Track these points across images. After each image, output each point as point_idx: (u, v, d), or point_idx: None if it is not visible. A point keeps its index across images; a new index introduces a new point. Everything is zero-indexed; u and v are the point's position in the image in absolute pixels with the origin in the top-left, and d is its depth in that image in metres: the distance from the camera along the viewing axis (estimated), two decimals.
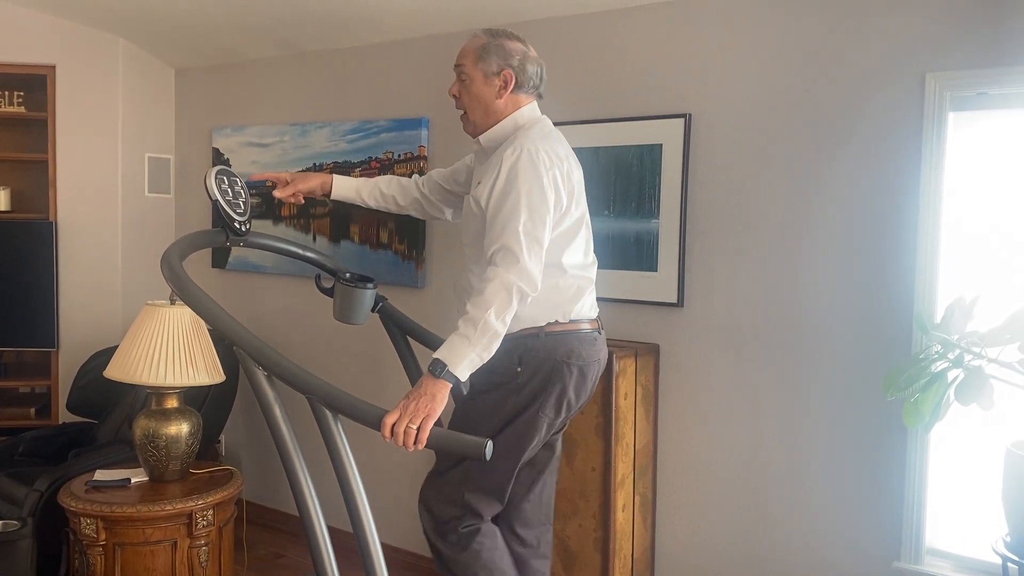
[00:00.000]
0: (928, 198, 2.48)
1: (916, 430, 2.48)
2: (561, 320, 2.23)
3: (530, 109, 2.32)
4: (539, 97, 2.36)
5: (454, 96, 2.34)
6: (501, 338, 2.06)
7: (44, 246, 4.06)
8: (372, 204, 2.64)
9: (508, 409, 2.22)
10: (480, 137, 2.32)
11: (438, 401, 1.97)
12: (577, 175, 2.30)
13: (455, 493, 2.29)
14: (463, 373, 2.02)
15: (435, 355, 2.03)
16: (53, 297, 4.08)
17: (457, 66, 2.31)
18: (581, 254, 2.29)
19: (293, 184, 2.56)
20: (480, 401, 2.24)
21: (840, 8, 2.61)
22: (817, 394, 2.71)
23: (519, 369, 2.20)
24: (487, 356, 2.05)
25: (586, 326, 2.28)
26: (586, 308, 2.29)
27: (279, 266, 4.02)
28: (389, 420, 1.92)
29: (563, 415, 2.27)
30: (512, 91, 2.28)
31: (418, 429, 1.93)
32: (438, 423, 1.99)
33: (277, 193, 2.55)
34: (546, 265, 2.16)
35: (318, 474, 2.07)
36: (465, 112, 2.33)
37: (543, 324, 2.21)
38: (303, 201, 2.63)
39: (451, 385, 2.00)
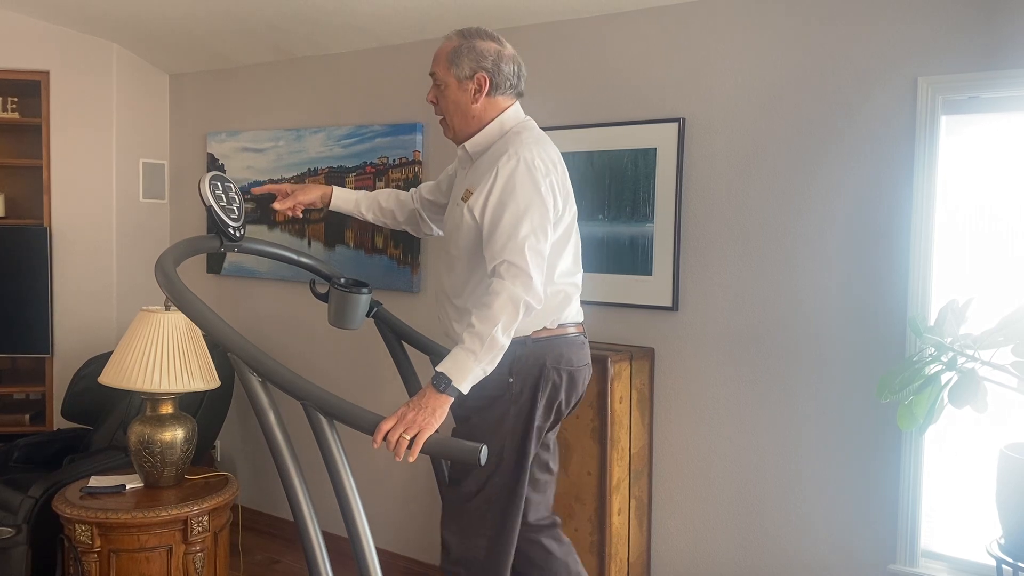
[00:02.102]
0: (921, 201, 2.49)
1: (910, 433, 2.50)
2: (549, 326, 2.22)
3: (514, 111, 2.27)
4: (519, 96, 2.28)
5: (432, 102, 2.29)
6: (504, 352, 2.04)
7: (38, 252, 4.05)
8: (371, 218, 2.59)
9: (511, 420, 2.19)
10: (466, 144, 2.27)
11: (437, 416, 1.94)
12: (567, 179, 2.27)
13: (481, 524, 2.23)
14: (466, 388, 2.00)
15: (439, 368, 2.00)
16: (47, 303, 4.07)
17: (431, 72, 2.26)
18: (571, 261, 2.27)
19: (293, 196, 2.51)
20: (480, 418, 2.20)
21: (832, 13, 2.62)
22: (812, 397, 2.71)
23: (511, 380, 2.18)
24: (490, 370, 2.03)
25: (572, 330, 2.28)
26: (572, 313, 2.28)
27: (274, 271, 4.02)
28: (385, 427, 1.90)
29: (552, 419, 2.26)
30: (488, 94, 2.21)
31: (412, 440, 1.90)
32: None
33: (277, 205, 2.50)
34: None
35: (314, 480, 2.06)
36: (443, 118, 2.28)
37: (529, 333, 2.19)
38: (300, 215, 2.60)
39: (453, 400, 1.98)
